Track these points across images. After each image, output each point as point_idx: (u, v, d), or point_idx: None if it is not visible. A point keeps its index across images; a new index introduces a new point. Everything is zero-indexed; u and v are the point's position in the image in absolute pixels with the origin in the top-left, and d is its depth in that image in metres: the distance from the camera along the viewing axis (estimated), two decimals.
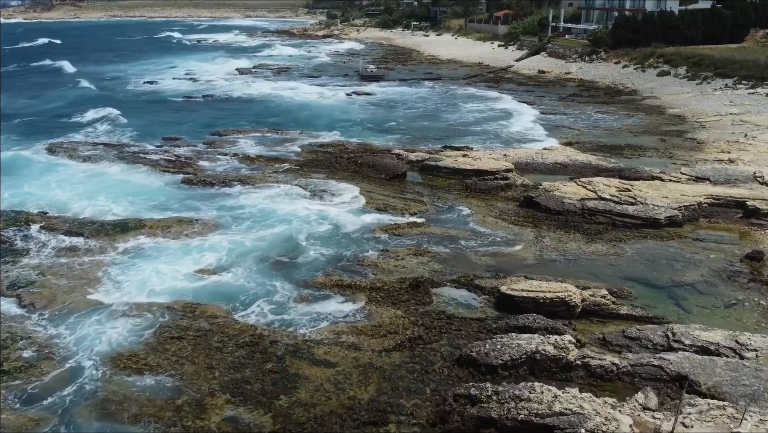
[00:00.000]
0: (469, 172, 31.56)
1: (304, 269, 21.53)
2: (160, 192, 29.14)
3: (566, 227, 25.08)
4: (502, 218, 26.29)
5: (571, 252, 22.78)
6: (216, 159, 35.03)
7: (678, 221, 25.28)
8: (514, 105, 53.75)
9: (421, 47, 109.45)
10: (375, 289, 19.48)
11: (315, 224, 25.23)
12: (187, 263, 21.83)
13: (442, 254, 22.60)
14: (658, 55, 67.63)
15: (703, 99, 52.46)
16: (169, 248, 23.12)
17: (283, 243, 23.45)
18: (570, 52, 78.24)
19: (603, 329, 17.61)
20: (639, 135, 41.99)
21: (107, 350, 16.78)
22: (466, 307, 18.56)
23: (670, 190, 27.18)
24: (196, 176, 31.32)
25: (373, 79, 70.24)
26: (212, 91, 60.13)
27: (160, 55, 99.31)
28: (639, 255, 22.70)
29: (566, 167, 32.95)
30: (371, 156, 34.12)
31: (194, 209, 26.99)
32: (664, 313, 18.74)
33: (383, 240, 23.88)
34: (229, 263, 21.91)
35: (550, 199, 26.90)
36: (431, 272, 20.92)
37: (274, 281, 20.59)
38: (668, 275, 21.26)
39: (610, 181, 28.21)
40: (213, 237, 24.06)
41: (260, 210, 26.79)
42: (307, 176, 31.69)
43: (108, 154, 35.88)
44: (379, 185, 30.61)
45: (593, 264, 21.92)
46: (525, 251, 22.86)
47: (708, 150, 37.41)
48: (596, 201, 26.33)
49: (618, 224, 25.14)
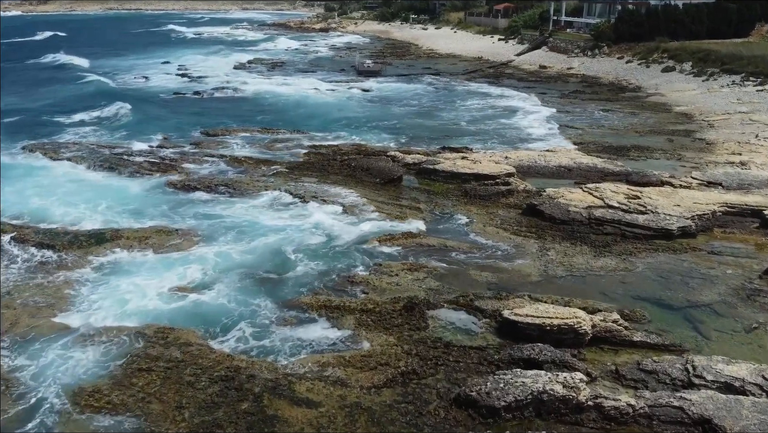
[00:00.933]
0: (468, 176, 29.94)
1: (291, 286, 19.92)
2: (141, 198, 27.50)
3: (572, 238, 23.48)
4: (504, 227, 24.68)
5: (578, 267, 21.18)
6: (203, 161, 33.35)
7: (691, 232, 23.70)
8: (517, 102, 52.06)
9: (420, 41, 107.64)
10: (365, 311, 17.88)
11: (304, 235, 23.60)
12: (164, 280, 20.20)
13: (439, 269, 21.00)
14: (663, 50, 65.86)
15: (710, 96, 50.80)
16: (146, 262, 21.50)
17: (270, 257, 21.84)
18: (572, 47, 76.48)
19: (615, 359, 16.04)
20: (645, 135, 40.35)
21: (70, 382, 15.20)
22: (465, 333, 16.97)
23: (682, 198, 25.57)
24: (180, 180, 29.67)
25: (369, 75, 68.54)
26: (204, 87, 58.34)
27: (154, 49, 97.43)
28: (651, 271, 21.11)
29: (571, 171, 31.32)
30: (365, 159, 32.45)
31: (176, 218, 25.37)
32: (680, 339, 17.17)
33: (376, 253, 22.27)
34: (210, 279, 20.29)
35: (554, 208, 25.29)
36: (427, 291, 19.33)
37: (257, 300, 18.99)
38: (683, 293, 19.68)
39: (618, 187, 26.58)
40: (194, 250, 22.44)
41: (246, 219, 25.17)
42: (298, 180, 30.04)
43: (91, 155, 34.17)
44: (374, 190, 28.98)
45: (602, 281, 20.33)
46: (528, 266, 21.26)
47: (718, 151, 35.79)
48: (604, 209, 24.72)
49: (627, 235, 23.55)
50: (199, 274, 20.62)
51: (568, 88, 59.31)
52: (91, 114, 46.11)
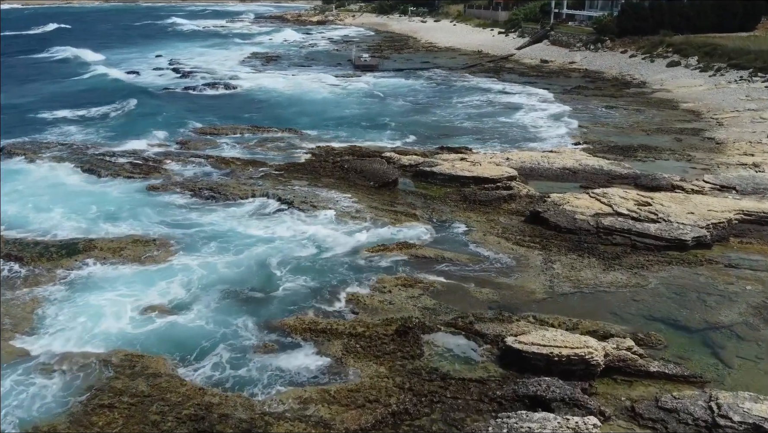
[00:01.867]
0: (468, 179, 28.32)
1: (275, 305, 18.32)
2: (120, 203, 25.82)
3: (579, 249, 21.87)
4: (505, 236, 23.07)
5: (586, 283, 19.58)
6: (188, 162, 31.66)
7: (706, 242, 22.08)
8: (518, 98, 50.39)
9: (419, 34, 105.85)
10: (354, 335, 16.28)
11: (292, 246, 21.99)
12: (137, 298, 18.59)
13: (435, 284, 19.39)
14: (667, 44, 64.18)
15: (718, 92, 49.12)
16: (119, 276, 19.87)
17: (253, 271, 20.22)
18: (574, 41, 74.70)
19: (630, 392, 14.45)
20: (652, 134, 38.70)
21: (26, 418, 13.66)
22: (464, 362, 15.37)
23: (695, 205, 23.95)
24: (162, 184, 28.04)
25: (366, 69, 66.86)
26: (195, 83, 56.55)
27: (148, 42, 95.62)
28: (665, 287, 19.51)
29: (576, 173, 29.68)
30: (359, 161, 30.77)
31: (155, 225, 23.73)
32: (700, 367, 15.60)
33: (368, 266, 20.66)
34: (187, 298, 18.66)
35: (559, 215, 23.67)
36: (422, 311, 17.73)
37: (237, 321, 17.38)
38: (701, 313, 18.10)
39: (628, 192, 24.94)
40: (172, 262, 20.83)
41: (229, 227, 23.54)
42: (287, 183, 28.40)
43: (72, 156, 32.47)
44: (367, 195, 27.34)
45: (613, 299, 18.74)
46: (533, 281, 19.65)
47: (729, 152, 34.19)
48: (613, 217, 23.10)
49: (638, 246, 21.93)
50: (176, 291, 19.00)
51: (570, 84, 57.61)
52: (75, 112, 44.43)
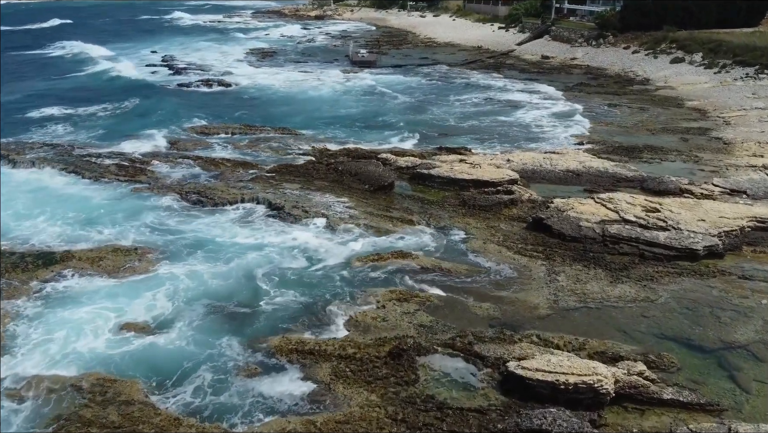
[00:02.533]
0: (467, 182, 27.13)
1: (262, 322, 17.17)
2: (103, 209, 24.63)
3: (584, 259, 20.70)
4: (507, 245, 21.89)
5: (592, 297, 18.42)
6: (176, 163, 30.47)
7: (718, 252, 20.92)
8: (519, 96, 49.15)
9: (418, 29, 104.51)
10: (344, 357, 15.13)
11: (281, 255, 20.84)
12: (114, 313, 17.47)
13: (432, 298, 18.24)
14: (671, 39, 62.77)
15: (724, 90, 47.84)
16: (97, 290, 18.70)
17: (239, 284, 19.06)
18: (575, 36, 73.34)
19: (642, 422, 13.34)
20: (657, 133, 37.47)
21: None
22: (463, 388, 14.22)
23: (706, 211, 22.77)
24: (147, 188, 26.85)
25: (364, 65, 65.57)
26: (188, 79, 55.33)
27: (143, 37, 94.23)
28: (676, 301, 18.35)
29: (579, 176, 28.49)
30: (354, 163, 29.56)
31: (138, 232, 22.56)
32: (716, 393, 14.47)
33: (361, 277, 19.51)
34: (167, 314, 17.52)
35: (563, 222, 22.50)
36: (418, 328, 16.59)
37: (219, 340, 16.25)
38: (715, 331, 16.95)
39: (635, 198, 23.76)
40: (154, 273, 19.67)
41: (216, 234, 22.38)
42: (278, 186, 27.21)
43: (57, 158, 31.22)
44: (362, 199, 26.16)
45: (621, 315, 17.59)
46: (536, 295, 18.50)
47: (737, 153, 32.98)
48: (619, 225, 21.93)
49: (647, 256, 20.76)
50: (156, 306, 17.88)
51: (572, 80, 56.31)
52: (63, 110, 43.15)
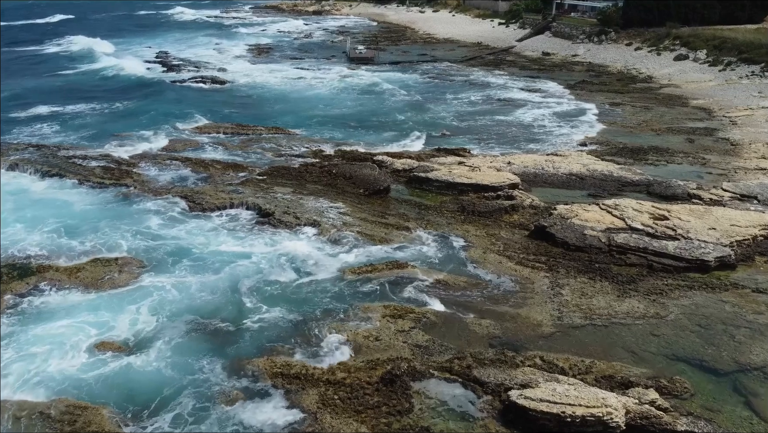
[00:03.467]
0: (466, 186, 26.08)
1: (246, 341, 16.08)
2: (85, 215, 23.50)
3: (590, 270, 19.61)
4: (508, 254, 20.80)
5: (599, 313, 17.34)
6: (164, 164, 29.32)
7: (730, 263, 19.84)
8: (521, 94, 47.99)
9: (416, 25, 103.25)
10: (332, 383, 14.05)
11: (268, 266, 19.73)
12: (90, 330, 16.40)
13: (429, 314, 17.16)
14: (674, 36, 61.60)
15: (729, 88, 46.74)
16: (74, 305, 17.60)
17: (223, 298, 17.97)
18: (577, 32, 72.12)
19: None
20: (662, 133, 36.36)
21: None
22: (461, 418, 13.14)
23: (717, 219, 21.69)
24: (132, 192, 25.72)
25: (362, 62, 64.38)
26: (180, 77, 54.09)
27: (138, 32, 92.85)
28: (687, 317, 17.27)
29: (583, 180, 27.39)
30: (348, 165, 28.41)
31: (120, 240, 21.41)
32: (732, 421, 13.44)
33: (353, 292, 18.40)
34: (147, 331, 16.45)
35: (567, 230, 21.41)
36: (413, 349, 15.52)
37: (200, 361, 15.17)
38: (729, 351, 15.88)
39: (642, 205, 22.65)
40: (134, 286, 18.58)
41: (201, 243, 21.26)
42: (269, 190, 26.08)
43: (41, 159, 30.01)
44: (356, 204, 25.05)
45: (630, 333, 16.50)
46: (539, 311, 17.41)
47: (745, 155, 31.90)
48: (626, 234, 20.83)
49: (655, 267, 19.67)
50: (135, 323, 16.81)
51: (573, 78, 55.14)
52: (52, 108, 41.98)
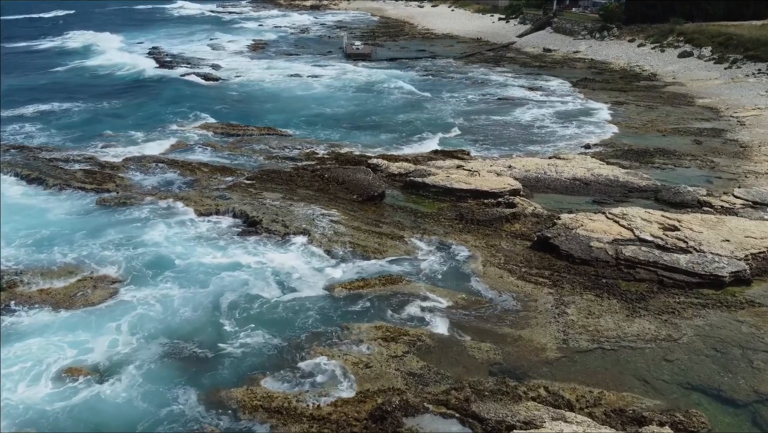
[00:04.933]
0: (464, 192, 24.82)
1: (224, 367, 14.83)
2: (60, 224, 22.22)
3: (596, 286, 18.37)
4: (509, 268, 19.54)
5: (607, 335, 16.11)
6: (149, 168, 28.05)
7: (745, 278, 18.60)
8: (524, 92, 46.68)
9: (415, 19, 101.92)
10: (317, 419, 12.81)
11: (252, 281, 18.48)
12: (58, 354, 15.19)
13: (424, 336, 15.93)
14: (678, 32, 60.37)
15: (736, 87, 45.47)
16: (44, 325, 16.36)
17: (203, 318, 16.72)
18: (578, 28, 70.77)
19: None
20: (669, 135, 35.09)
21: None
22: None
23: (730, 230, 20.44)
24: (114, 198, 24.45)
25: (359, 58, 63.08)
26: (172, 74, 52.70)
27: (132, 28, 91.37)
28: (702, 340, 16.04)
29: (588, 185, 26.12)
30: (341, 169, 27.11)
31: (97, 252, 20.10)
32: None
33: (343, 311, 17.16)
34: (119, 355, 15.21)
35: (572, 242, 20.16)
36: (407, 378, 14.28)
37: (175, 391, 13.94)
38: (747, 378, 14.65)
39: (651, 214, 21.40)
40: (108, 304, 17.34)
41: (182, 255, 19.98)
42: (258, 196, 24.82)
43: (22, 162, 28.71)
44: (349, 211, 23.79)
45: (641, 358, 15.26)
46: (542, 333, 16.17)
47: (755, 158, 30.66)
48: (635, 246, 19.57)
49: (666, 283, 18.43)
50: (107, 346, 15.58)
51: (575, 75, 53.82)
52: (39, 107, 40.66)
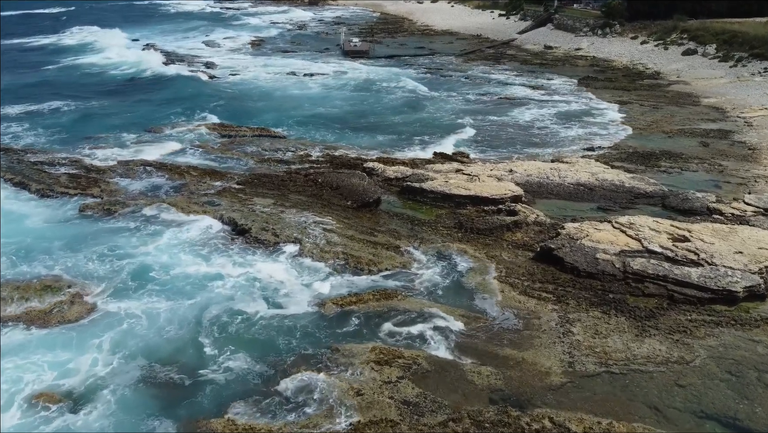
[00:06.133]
0: (464, 199, 23.79)
1: (203, 395, 13.78)
2: (40, 233, 21.15)
3: (603, 302, 17.33)
4: (511, 281, 18.50)
5: (615, 357, 15.07)
6: (136, 171, 27.01)
7: (760, 293, 17.56)
8: (525, 91, 45.60)
9: (414, 15, 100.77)
10: None
11: (238, 296, 17.46)
12: (30, 379, 14.16)
13: (420, 359, 14.89)
14: (682, 29, 59.30)
15: (742, 86, 44.40)
16: (17, 345, 15.29)
17: (183, 337, 15.70)
18: (580, 25, 69.66)
19: None
20: (674, 136, 34.03)
21: None
22: None
23: (743, 241, 19.38)
24: (98, 204, 23.39)
25: (356, 56, 61.97)
26: (166, 71, 51.60)
27: (127, 24, 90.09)
28: (716, 362, 15.01)
29: (592, 190, 25.08)
30: (335, 174, 26.00)
31: (77, 263, 19.07)
32: None
33: (333, 330, 16.12)
34: (94, 379, 14.19)
35: (577, 253, 19.11)
36: (400, 407, 13.25)
37: (150, 422, 12.93)
38: (764, 406, 13.62)
39: (659, 223, 20.34)
40: (86, 321, 16.32)
41: (167, 265, 18.93)
42: (248, 202, 23.75)
43: (5, 165, 27.52)
44: (343, 218, 22.74)
45: (652, 384, 14.23)
46: (547, 355, 15.14)
47: (765, 161, 29.65)
48: (643, 258, 18.52)
49: (677, 298, 17.40)
50: (80, 367, 14.54)
51: (577, 73, 52.72)
52: (28, 107, 39.51)
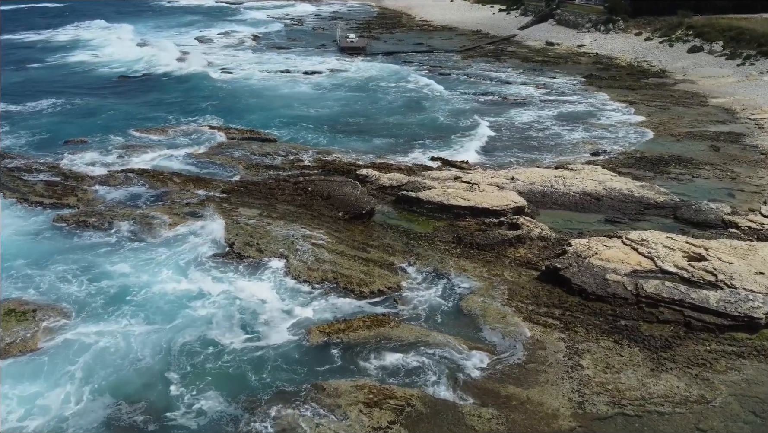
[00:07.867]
0: (462, 210, 22.36)
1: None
2: (7, 248, 19.70)
3: (614, 330, 15.91)
4: (514, 305, 17.07)
5: (629, 395, 13.65)
6: (116, 178, 25.58)
7: None
8: (526, 89, 44.08)
9: (413, 10, 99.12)
10: None
11: (215, 320, 16.05)
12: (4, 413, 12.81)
13: (414, 399, 13.47)
14: (687, 26, 57.72)
15: (750, 85, 42.96)
16: None
17: (153, 369, 14.29)
18: (582, 21, 68.05)
19: None
20: (683, 139, 32.58)
21: None
22: None
23: (764, 260, 17.96)
24: (73, 215, 21.94)
25: (353, 52, 60.41)
26: (156, 70, 49.97)
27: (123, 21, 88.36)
28: (738, 401, 13.59)
29: (599, 201, 23.64)
30: (327, 182, 24.50)
31: (46, 282, 17.66)
32: None
33: (317, 363, 14.70)
34: (50, 420, 12.79)
35: (585, 274, 17.68)
36: None
37: None
38: None
39: (674, 240, 18.90)
40: (49, 350, 14.92)
41: (142, 285, 17.50)
42: (232, 213, 22.28)
43: None
44: (334, 231, 21.29)
45: (670, 427, 12.81)
46: (554, 393, 13.71)
47: None
48: (657, 280, 17.10)
49: (694, 325, 15.99)
50: (34, 408, 13.16)
51: (579, 71, 51.19)
52: (8, 107, 37.96)
